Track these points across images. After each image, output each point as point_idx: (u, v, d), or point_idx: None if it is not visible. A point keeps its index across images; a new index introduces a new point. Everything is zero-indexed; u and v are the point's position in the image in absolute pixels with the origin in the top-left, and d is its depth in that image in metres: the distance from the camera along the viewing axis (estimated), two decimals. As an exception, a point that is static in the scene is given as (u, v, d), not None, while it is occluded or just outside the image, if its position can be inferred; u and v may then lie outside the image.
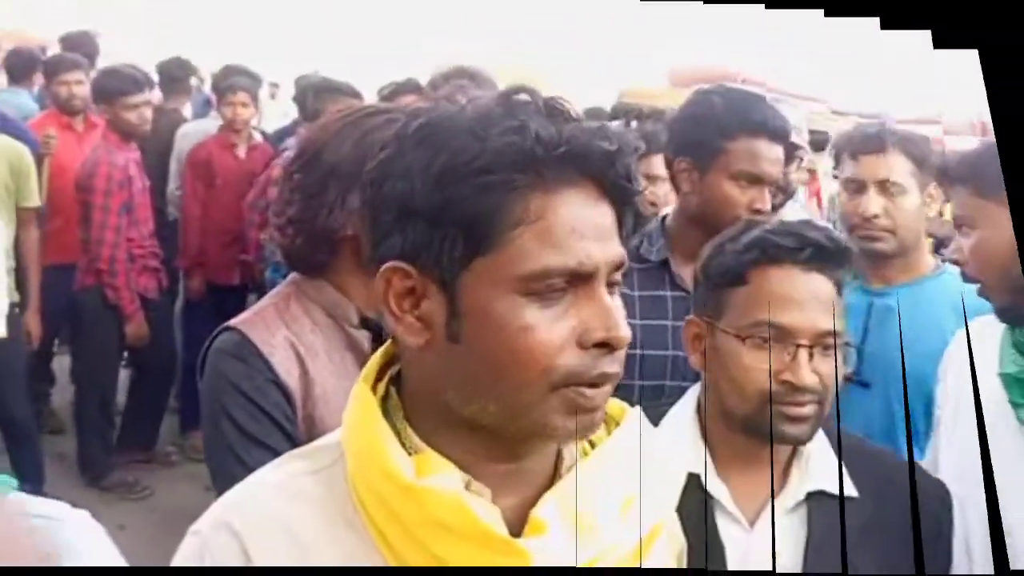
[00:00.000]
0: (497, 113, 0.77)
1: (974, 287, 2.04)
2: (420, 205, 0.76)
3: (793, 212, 2.82)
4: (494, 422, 0.78)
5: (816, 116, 5.09)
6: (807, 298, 1.26)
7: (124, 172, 4.01)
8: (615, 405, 0.88)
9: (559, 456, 0.85)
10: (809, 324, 1.26)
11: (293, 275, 1.54)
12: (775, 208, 2.48)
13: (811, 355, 1.26)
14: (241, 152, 4.73)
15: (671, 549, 0.94)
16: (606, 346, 0.77)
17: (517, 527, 0.79)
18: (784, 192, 2.46)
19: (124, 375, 4.53)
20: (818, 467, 1.30)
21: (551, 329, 0.76)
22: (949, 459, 1.54)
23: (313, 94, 4.23)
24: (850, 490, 1.28)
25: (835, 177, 2.30)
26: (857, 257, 2.05)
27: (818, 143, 5.54)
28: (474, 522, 0.76)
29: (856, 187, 2.05)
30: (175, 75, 5.48)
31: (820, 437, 1.32)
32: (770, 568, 1.23)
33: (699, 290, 1.38)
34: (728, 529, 1.28)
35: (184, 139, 4.96)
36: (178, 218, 4.76)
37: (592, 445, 0.86)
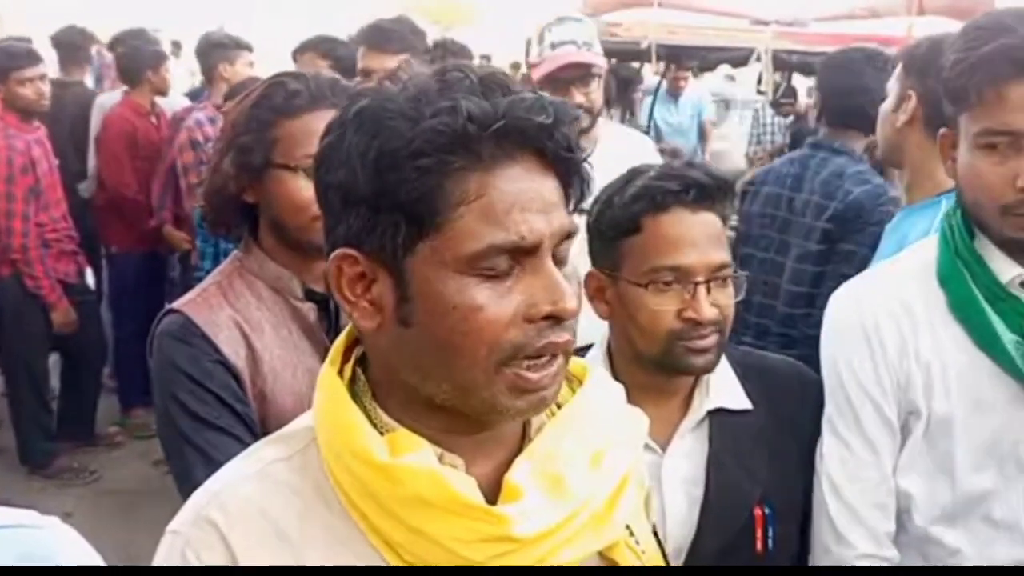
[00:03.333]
0: (432, 93, 0.75)
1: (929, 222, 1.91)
2: (360, 192, 0.76)
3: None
4: (448, 401, 0.79)
5: (738, 32, 5.07)
6: (699, 237, 1.32)
7: (26, 156, 3.82)
8: (577, 364, 0.89)
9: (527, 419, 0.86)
10: (703, 261, 1.32)
11: (235, 252, 1.55)
12: (587, 131, 2.28)
13: (708, 289, 1.32)
14: (153, 119, 4.61)
15: (639, 496, 0.96)
16: (553, 318, 0.77)
17: (493, 492, 0.80)
18: (591, 113, 2.34)
19: (53, 359, 4.41)
20: (717, 388, 1.41)
21: (499, 306, 0.76)
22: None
23: (202, 52, 4.13)
24: (743, 403, 1.40)
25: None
26: None
27: (739, 59, 5.52)
28: (451, 494, 0.77)
29: None
30: (74, 43, 5.21)
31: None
32: (679, 481, 1.36)
33: (595, 244, 1.42)
34: (644, 457, 1.33)
35: (102, 113, 4.74)
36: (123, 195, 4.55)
37: (558, 405, 0.87)
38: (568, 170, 0.79)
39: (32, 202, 3.84)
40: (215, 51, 4.14)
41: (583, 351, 1.48)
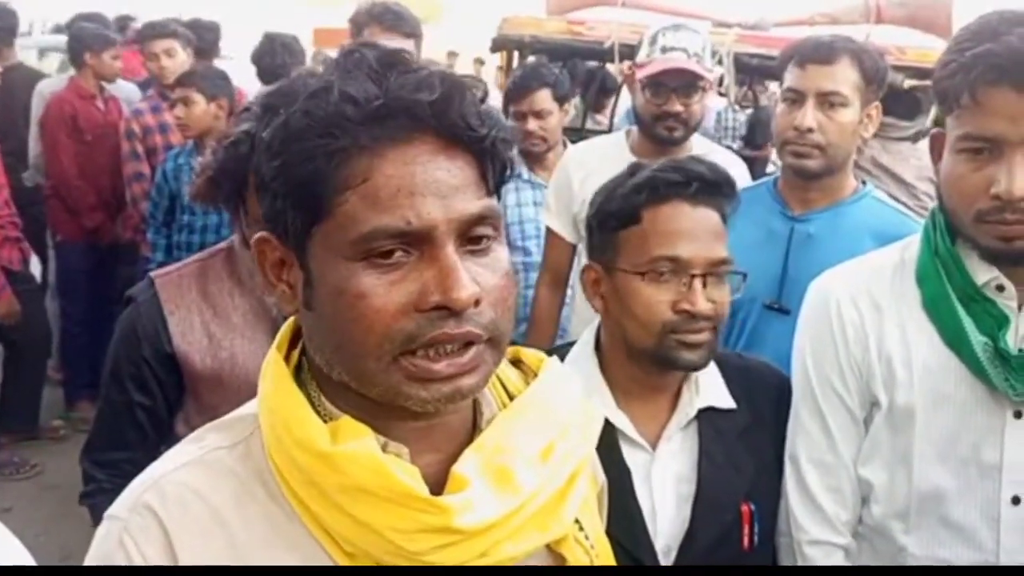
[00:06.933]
0: (327, 77, 0.74)
1: (892, 211, 2.01)
2: (261, 180, 0.77)
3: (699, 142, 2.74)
4: (357, 388, 0.78)
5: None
6: (698, 230, 1.33)
7: (-35, 143, 3.72)
8: (532, 355, 0.89)
9: (478, 410, 0.85)
10: (701, 254, 1.32)
11: (234, 235, 1.58)
12: (680, 141, 2.41)
13: (704, 283, 1.32)
14: (101, 103, 4.50)
15: (592, 490, 0.96)
16: (444, 309, 0.74)
17: (440, 484, 0.79)
18: (687, 125, 2.40)
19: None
20: (705, 387, 1.41)
21: (387, 295, 0.73)
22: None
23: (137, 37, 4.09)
24: (729, 402, 1.42)
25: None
26: (783, 180, 2.04)
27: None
28: (393, 483, 0.75)
29: (795, 98, 1.96)
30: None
31: None
32: (670, 479, 1.36)
33: (594, 237, 1.42)
34: (632, 455, 1.36)
35: (46, 98, 4.61)
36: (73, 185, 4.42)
37: (511, 397, 0.87)
38: (480, 148, 0.75)
39: (-29, 188, 3.72)
40: (149, 38, 4.11)
41: (567, 348, 1.47)
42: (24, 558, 0.88)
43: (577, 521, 0.88)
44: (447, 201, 0.74)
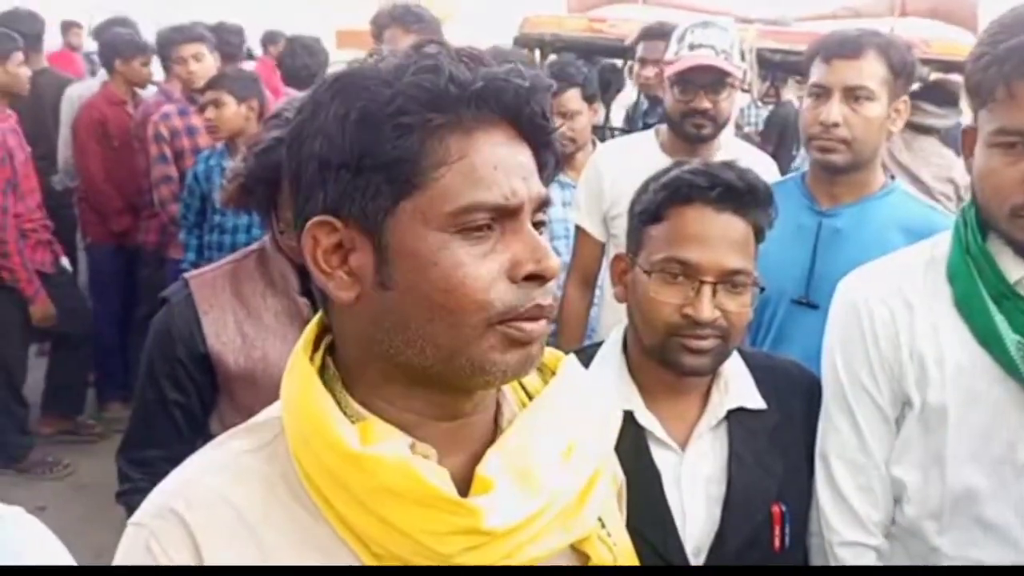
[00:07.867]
0: (411, 61, 0.76)
1: (921, 205, 2.01)
2: (339, 156, 0.76)
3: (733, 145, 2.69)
4: (432, 366, 0.78)
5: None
6: (716, 237, 1.30)
7: (3, 147, 3.74)
8: (550, 354, 0.89)
9: (498, 410, 0.86)
10: (715, 261, 1.29)
11: (266, 236, 1.61)
12: (708, 138, 2.41)
13: (715, 291, 1.29)
14: (131, 108, 4.53)
15: (612, 488, 0.96)
16: (537, 278, 0.77)
17: (464, 485, 0.79)
18: (715, 122, 2.39)
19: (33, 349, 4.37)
20: (735, 387, 1.40)
21: (481, 265, 0.76)
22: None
23: (159, 43, 4.14)
24: (760, 403, 1.40)
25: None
26: (811, 175, 2.04)
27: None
28: (424, 486, 0.75)
29: (821, 93, 1.96)
30: (27, 30, 5.06)
31: (736, 359, 1.42)
32: (700, 480, 1.34)
33: (629, 227, 1.42)
34: (661, 455, 1.35)
35: (76, 103, 4.67)
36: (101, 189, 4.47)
37: (530, 397, 0.87)
38: (541, 140, 0.80)
39: (9, 194, 3.76)
40: (172, 42, 4.14)
41: (595, 348, 1.47)
42: (64, 557, 0.88)
43: (599, 519, 0.88)
44: (528, 182, 0.78)
